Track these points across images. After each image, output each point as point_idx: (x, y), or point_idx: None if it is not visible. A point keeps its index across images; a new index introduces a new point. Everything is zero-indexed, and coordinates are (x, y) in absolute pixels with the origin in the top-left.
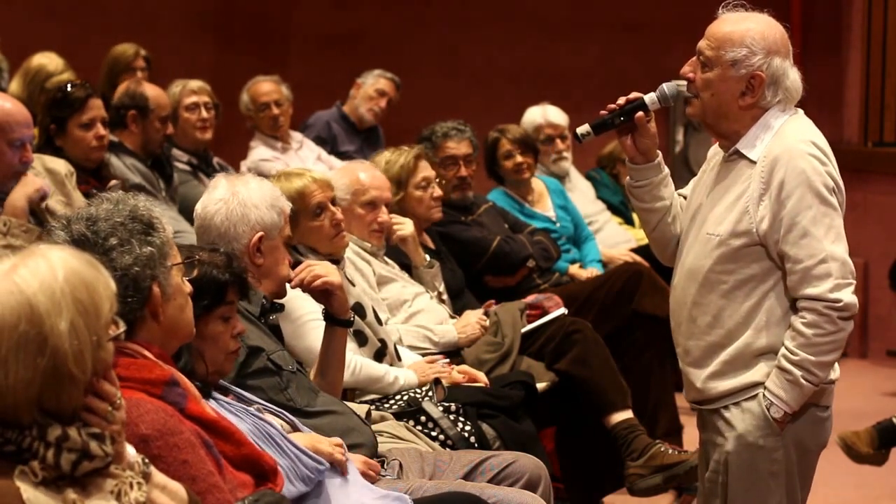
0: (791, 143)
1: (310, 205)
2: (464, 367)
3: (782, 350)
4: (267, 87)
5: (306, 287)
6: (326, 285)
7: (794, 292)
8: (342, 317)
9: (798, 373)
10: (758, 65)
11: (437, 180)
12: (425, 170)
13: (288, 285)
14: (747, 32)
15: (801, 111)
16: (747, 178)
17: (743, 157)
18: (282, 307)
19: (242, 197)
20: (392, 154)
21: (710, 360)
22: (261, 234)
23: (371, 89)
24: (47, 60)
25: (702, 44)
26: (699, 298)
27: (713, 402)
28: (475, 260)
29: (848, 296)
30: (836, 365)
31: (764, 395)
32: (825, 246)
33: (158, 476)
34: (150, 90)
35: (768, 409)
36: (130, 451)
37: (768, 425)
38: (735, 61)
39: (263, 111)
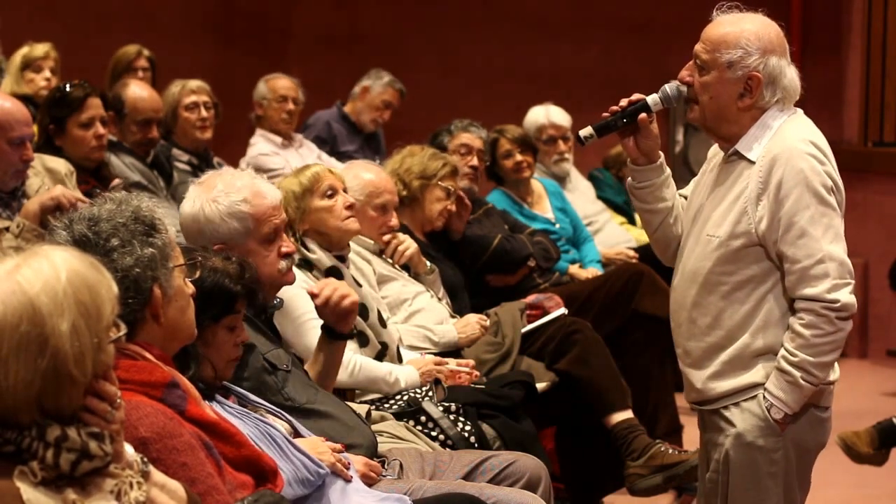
0: (790, 142)
1: (322, 185)
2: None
3: (782, 351)
4: (288, 83)
5: (332, 307)
6: (354, 305)
7: (792, 292)
8: (346, 331)
9: (797, 374)
10: (754, 65)
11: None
12: (454, 181)
13: (286, 288)
14: (742, 33)
15: (800, 111)
16: (746, 179)
17: (742, 157)
18: (280, 303)
19: (197, 215)
20: (429, 150)
21: (710, 360)
22: (219, 246)
23: (377, 99)
24: (28, 49)
25: (698, 47)
26: (699, 300)
27: (713, 402)
28: (476, 258)
29: (846, 296)
30: (836, 365)
31: (764, 396)
32: (823, 246)
33: (157, 475)
34: (132, 93)
35: (769, 411)
36: (129, 449)
37: (768, 426)
38: (731, 63)
39: (280, 103)
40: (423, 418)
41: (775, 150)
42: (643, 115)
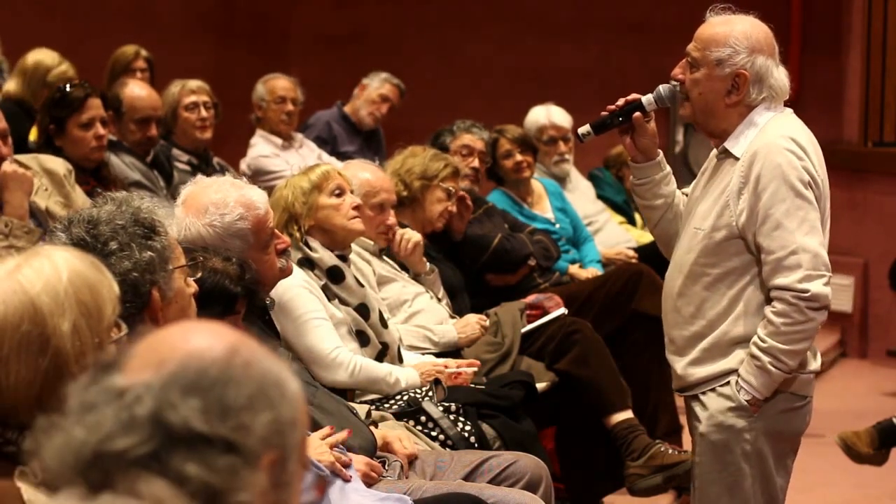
0: (770, 138)
1: (330, 184)
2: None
3: (754, 338)
4: (286, 84)
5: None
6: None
7: (767, 282)
8: None
9: (766, 359)
10: (741, 63)
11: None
12: (455, 183)
13: (288, 289)
14: (731, 33)
15: (789, 110)
16: (730, 174)
17: (730, 154)
18: (272, 303)
19: (196, 242)
20: (431, 151)
21: (691, 348)
22: None
23: (375, 93)
24: (43, 55)
25: (690, 46)
26: (684, 290)
27: (692, 388)
28: (476, 257)
29: (817, 287)
30: (818, 356)
31: (737, 380)
32: (797, 238)
33: None
34: (130, 91)
35: (739, 394)
36: None
37: (740, 408)
38: (720, 60)
39: (279, 104)
40: (423, 418)
41: (756, 146)
42: (637, 114)
